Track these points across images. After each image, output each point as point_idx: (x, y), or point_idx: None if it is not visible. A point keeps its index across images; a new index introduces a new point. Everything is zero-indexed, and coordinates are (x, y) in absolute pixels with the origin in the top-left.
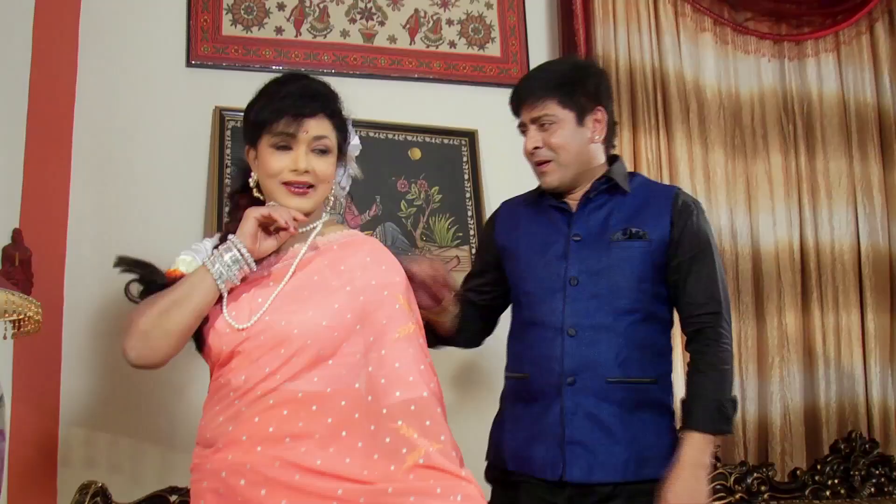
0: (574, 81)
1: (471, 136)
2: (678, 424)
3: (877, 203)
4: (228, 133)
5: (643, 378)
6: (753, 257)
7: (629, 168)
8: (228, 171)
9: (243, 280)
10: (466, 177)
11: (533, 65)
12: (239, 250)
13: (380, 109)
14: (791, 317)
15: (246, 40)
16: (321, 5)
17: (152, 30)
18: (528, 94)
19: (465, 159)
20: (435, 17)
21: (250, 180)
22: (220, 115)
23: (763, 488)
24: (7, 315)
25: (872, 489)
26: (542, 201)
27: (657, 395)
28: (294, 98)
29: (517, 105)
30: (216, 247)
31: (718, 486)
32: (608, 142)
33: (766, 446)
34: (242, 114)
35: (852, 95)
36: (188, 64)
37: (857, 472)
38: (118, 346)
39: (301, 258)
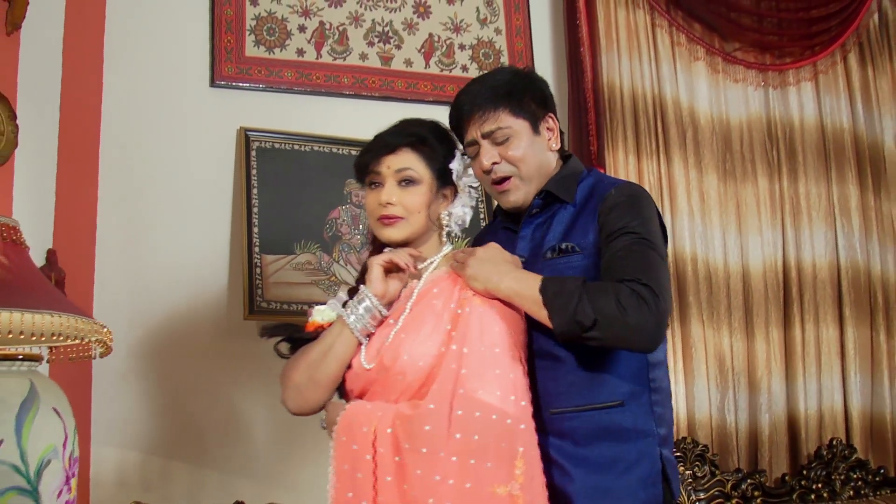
0: (521, 89)
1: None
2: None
3: (855, 223)
4: (254, 153)
5: (598, 404)
6: (744, 276)
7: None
8: (255, 191)
9: (384, 323)
10: (481, 196)
11: None
12: (370, 300)
13: None
14: (775, 331)
15: (269, 61)
16: (340, 28)
17: (176, 50)
18: (474, 107)
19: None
20: (448, 42)
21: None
22: (245, 136)
23: (756, 493)
24: (68, 339)
25: (851, 492)
26: (497, 224)
27: (621, 420)
28: (379, 139)
29: (460, 121)
30: (350, 293)
31: (717, 493)
32: (561, 149)
33: (756, 453)
34: (267, 134)
35: (829, 121)
36: (212, 84)
37: (837, 477)
38: (146, 364)
39: (418, 293)
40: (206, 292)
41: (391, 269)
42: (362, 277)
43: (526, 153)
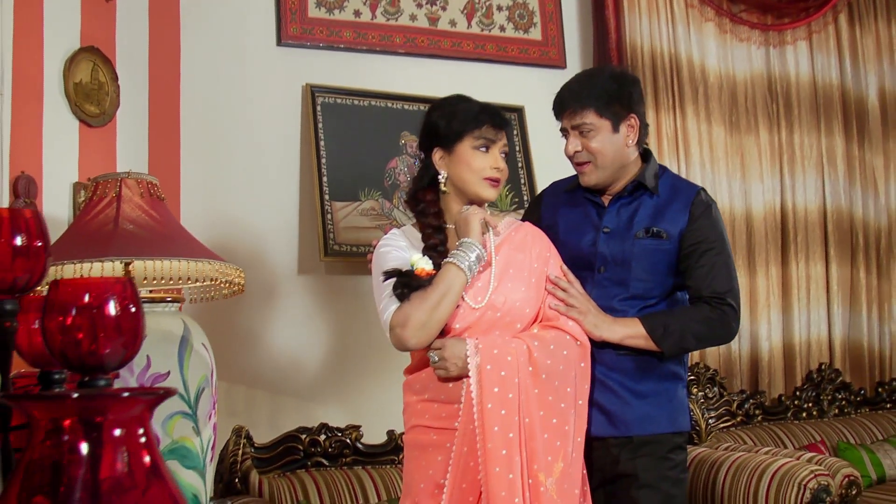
0: (610, 92)
1: (519, 112)
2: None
3: (840, 171)
4: (319, 108)
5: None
6: (747, 219)
7: (653, 147)
8: (322, 143)
9: None
10: (518, 148)
11: (568, 47)
12: (479, 249)
13: (443, 87)
14: (774, 269)
15: (329, 22)
16: None
17: (245, 12)
18: (568, 103)
19: (515, 132)
20: (487, 4)
21: (440, 178)
22: (311, 92)
23: (757, 412)
24: (211, 281)
25: (836, 410)
26: (579, 192)
27: (666, 365)
28: (490, 113)
29: (559, 112)
30: (428, 241)
31: (724, 412)
32: (640, 141)
33: (757, 376)
34: (330, 90)
35: (821, 78)
36: (279, 43)
37: (825, 397)
38: (229, 303)
39: (495, 245)
40: (281, 236)
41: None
42: (435, 229)
43: (603, 147)
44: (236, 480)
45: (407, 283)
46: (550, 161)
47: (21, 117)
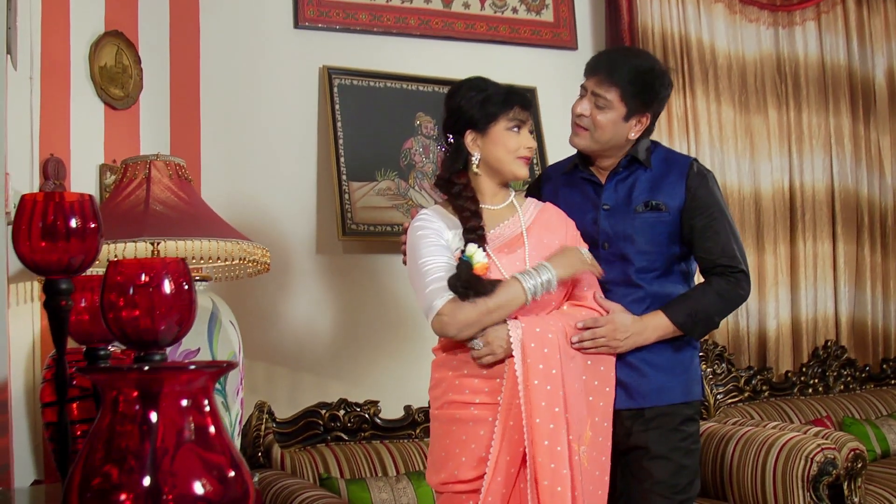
0: (640, 84)
1: (532, 93)
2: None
3: (847, 151)
4: (336, 90)
5: None
6: (756, 198)
7: (660, 129)
8: (339, 124)
9: (498, 248)
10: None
11: (580, 29)
12: (553, 277)
13: (457, 69)
14: (782, 247)
15: (345, 5)
16: None
17: None
18: (601, 71)
19: None
20: None
21: (474, 159)
22: (328, 73)
23: (764, 388)
24: (237, 260)
25: (842, 386)
26: (576, 172)
27: (680, 335)
28: (518, 94)
29: (590, 72)
30: (468, 224)
31: (732, 387)
32: (642, 137)
33: (765, 353)
34: (347, 72)
35: (829, 58)
36: (296, 26)
37: (831, 374)
38: (246, 286)
39: (527, 226)
40: (299, 216)
41: None
42: (472, 213)
43: (607, 125)
44: (259, 454)
45: (475, 289)
46: (563, 141)
47: (49, 101)
